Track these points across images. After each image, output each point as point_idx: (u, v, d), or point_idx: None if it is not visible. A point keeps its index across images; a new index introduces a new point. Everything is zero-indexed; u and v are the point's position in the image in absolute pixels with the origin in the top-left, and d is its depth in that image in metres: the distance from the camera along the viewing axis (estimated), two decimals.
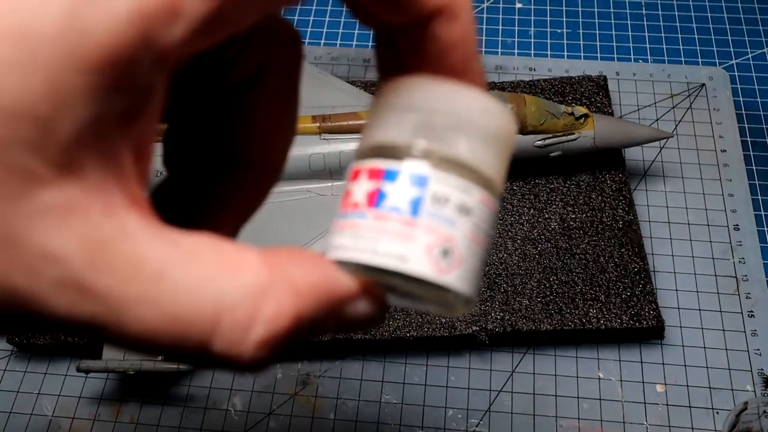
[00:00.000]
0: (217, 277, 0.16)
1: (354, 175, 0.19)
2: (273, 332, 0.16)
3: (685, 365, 0.47)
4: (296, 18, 0.65)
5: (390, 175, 0.18)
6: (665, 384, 0.46)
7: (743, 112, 0.58)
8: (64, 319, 0.15)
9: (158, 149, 0.23)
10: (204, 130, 0.22)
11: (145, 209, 0.16)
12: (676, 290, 0.49)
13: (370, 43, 0.63)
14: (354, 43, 0.63)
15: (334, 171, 0.50)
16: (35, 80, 0.13)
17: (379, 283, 0.18)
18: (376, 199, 0.18)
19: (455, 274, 0.18)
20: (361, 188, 0.19)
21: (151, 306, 0.15)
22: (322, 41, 0.63)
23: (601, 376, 0.46)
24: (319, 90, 0.53)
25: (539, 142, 0.50)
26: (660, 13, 0.64)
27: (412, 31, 0.19)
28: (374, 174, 0.18)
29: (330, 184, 0.50)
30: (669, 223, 0.52)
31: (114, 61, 0.14)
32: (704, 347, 0.47)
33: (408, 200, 0.18)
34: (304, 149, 0.49)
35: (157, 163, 0.23)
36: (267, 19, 0.20)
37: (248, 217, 0.22)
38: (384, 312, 0.19)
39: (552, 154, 0.50)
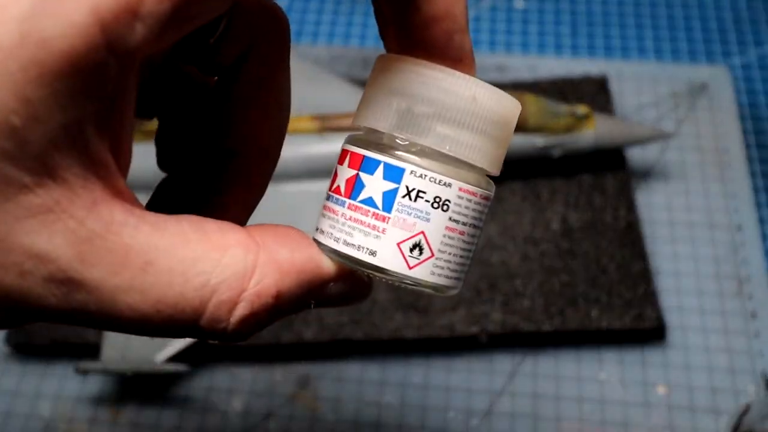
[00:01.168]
0: (203, 259, 0.16)
1: (342, 157, 0.19)
2: (255, 310, 0.17)
3: (687, 367, 0.46)
4: (296, 17, 0.65)
5: (368, 165, 0.18)
6: (667, 385, 0.46)
7: (746, 111, 0.58)
8: (57, 311, 0.16)
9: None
10: (195, 124, 0.22)
11: (128, 200, 0.16)
12: (679, 291, 0.49)
13: (371, 42, 0.63)
14: (354, 42, 0.63)
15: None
16: (4, 94, 0.14)
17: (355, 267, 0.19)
18: (353, 188, 0.19)
19: (426, 268, 0.18)
20: (343, 173, 0.19)
21: (139, 293, 0.16)
22: (322, 40, 0.63)
23: (603, 377, 0.46)
24: (319, 90, 0.53)
25: (540, 142, 0.49)
26: (661, 12, 0.64)
27: (397, 2, 0.18)
28: (355, 161, 0.19)
29: None
30: (671, 223, 0.52)
31: (78, 68, 0.14)
32: (707, 348, 0.47)
33: (382, 194, 0.18)
34: (303, 149, 0.49)
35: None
36: (239, 5, 0.20)
37: (253, 205, 0.22)
38: (365, 290, 0.20)
39: (553, 154, 0.50)
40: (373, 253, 0.18)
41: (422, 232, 0.18)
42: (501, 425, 0.44)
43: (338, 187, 0.19)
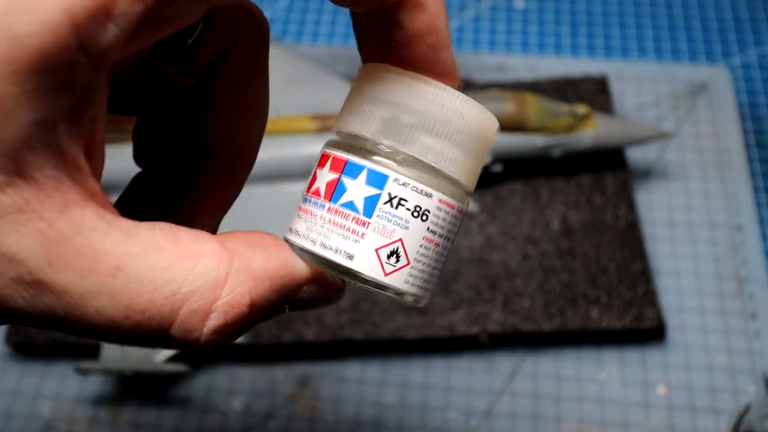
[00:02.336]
0: (174, 267, 0.16)
1: (322, 160, 0.19)
2: (228, 320, 0.17)
3: (687, 367, 0.46)
4: (296, 17, 0.65)
5: (350, 170, 0.18)
6: (667, 385, 0.46)
7: (746, 111, 0.58)
8: (25, 313, 0.15)
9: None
10: (172, 123, 0.22)
11: (101, 202, 0.16)
12: (679, 291, 0.49)
13: None
14: (354, 42, 0.63)
15: None
16: None
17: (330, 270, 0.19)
18: (333, 191, 0.19)
19: (401, 276, 0.18)
20: (323, 177, 0.19)
21: (108, 299, 0.15)
22: (322, 40, 0.63)
23: (603, 377, 0.46)
24: (319, 90, 0.53)
25: (540, 142, 0.49)
26: (661, 11, 0.64)
27: (377, 18, 0.18)
28: (337, 165, 0.19)
29: None
30: (671, 223, 0.52)
31: (50, 65, 0.14)
32: (707, 348, 0.47)
33: (363, 199, 0.18)
34: (303, 149, 0.49)
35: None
36: (219, 7, 0.19)
37: (226, 206, 0.22)
38: (338, 293, 0.19)
39: (553, 154, 0.50)
40: (350, 257, 0.18)
41: (400, 240, 0.18)
42: (501, 425, 0.44)
43: (317, 189, 0.19)
